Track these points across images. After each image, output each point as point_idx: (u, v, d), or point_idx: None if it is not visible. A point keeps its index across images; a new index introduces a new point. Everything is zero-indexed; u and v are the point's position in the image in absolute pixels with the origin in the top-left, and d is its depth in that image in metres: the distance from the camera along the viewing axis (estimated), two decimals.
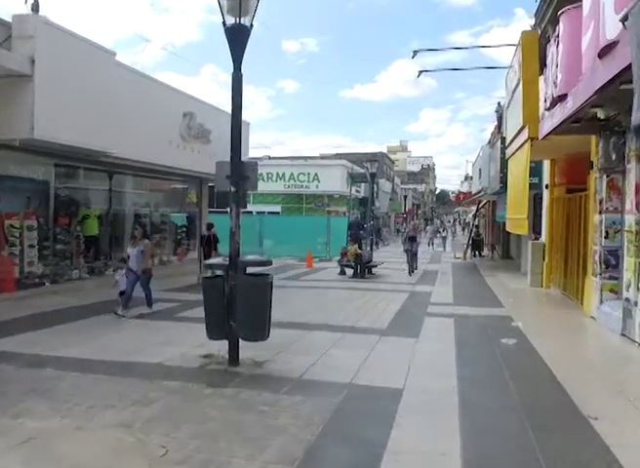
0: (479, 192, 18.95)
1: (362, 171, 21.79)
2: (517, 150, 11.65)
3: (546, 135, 8.88)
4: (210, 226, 13.66)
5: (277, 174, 36.42)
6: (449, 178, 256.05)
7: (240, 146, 5.52)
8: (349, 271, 15.72)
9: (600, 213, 8.79)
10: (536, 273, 13.75)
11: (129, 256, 8.88)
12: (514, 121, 11.96)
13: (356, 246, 16.01)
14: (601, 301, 8.66)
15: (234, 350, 5.41)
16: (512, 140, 12.37)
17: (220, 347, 5.63)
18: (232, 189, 5.42)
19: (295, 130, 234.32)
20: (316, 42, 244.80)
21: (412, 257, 16.61)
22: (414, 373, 5.37)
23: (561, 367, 5.72)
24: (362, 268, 15.31)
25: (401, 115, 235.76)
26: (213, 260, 6.01)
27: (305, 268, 18.74)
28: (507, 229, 13.24)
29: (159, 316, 8.51)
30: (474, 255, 25.18)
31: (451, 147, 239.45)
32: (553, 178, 13.35)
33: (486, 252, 26.94)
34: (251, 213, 25.93)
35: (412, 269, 16.50)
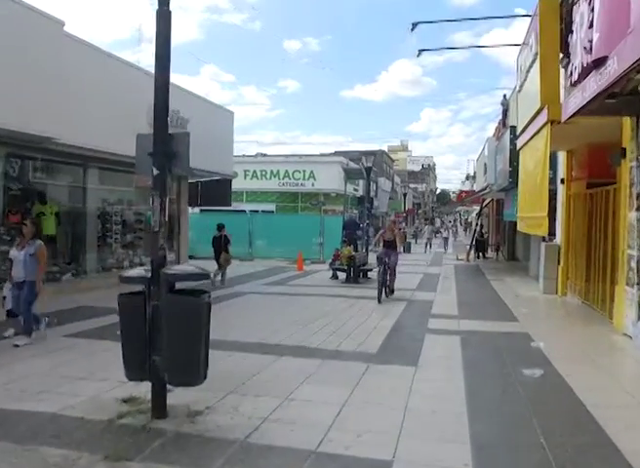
0: (484, 189, 17.42)
1: (358, 166, 20.28)
2: (532, 138, 10.10)
3: (572, 115, 7.33)
4: (220, 227, 13.15)
5: (271, 171, 34.88)
6: (450, 179, 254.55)
7: (167, 111, 3.98)
8: (342, 275, 14.19)
9: (638, 209, 7.25)
10: (549, 278, 12.21)
11: (12, 262, 6.64)
12: (528, 105, 10.42)
13: (350, 247, 14.48)
14: (639, 317, 7.13)
15: (159, 396, 3.88)
16: (525, 128, 10.82)
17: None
18: (155, 171, 3.87)
19: (296, 129, 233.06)
20: (318, 41, 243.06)
21: (384, 274, 10.72)
22: (409, 431, 3.82)
23: (610, 414, 4.19)
24: (355, 272, 13.77)
25: (402, 115, 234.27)
26: (131, 272, 4.46)
27: (295, 271, 17.22)
28: (520, 229, 11.67)
29: (99, 333, 6.96)
30: (478, 257, 23.65)
31: (451, 148, 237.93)
32: (570, 172, 11.81)
33: (490, 253, 25.40)
34: (244, 211, 24.43)
35: (384, 292, 10.66)
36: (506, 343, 6.90)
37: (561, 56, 8.75)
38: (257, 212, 26.47)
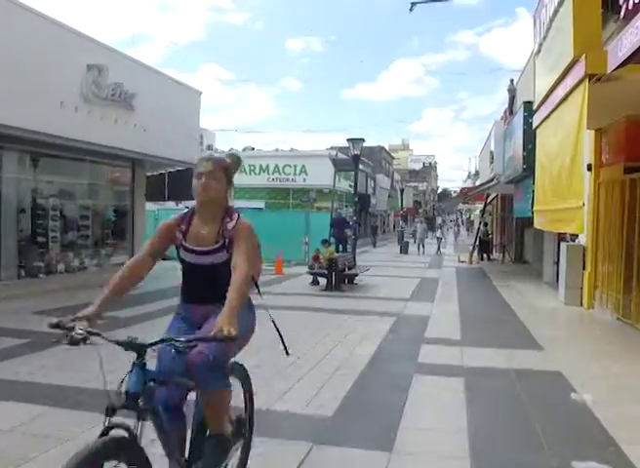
0: (490, 181, 15.14)
1: (347, 157, 18.06)
2: (556, 108, 7.86)
3: (627, 60, 5.07)
4: None
5: (260, 166, 32.68)
6: (452, 178, 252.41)
7: None
8: (324, 281, 11.94)
9: None
10: (572, 287, 9.94)
11: None
12: (550, 67, 8.17)
13: (331, 247, 12.25)
14: None
15: None
16: (545, 99, 8.57)
17: None
18: None
19: (297, 129, 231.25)
20: (321, 41, 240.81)
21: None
22: None
23: None
24: (337, 278, 11.51)
25: (404, 114, 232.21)
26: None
27: (273, 275, 14.98)
28: (539, 227, 9.38)
29: None
30: (481, 258, 21.37)
31: (453, 148, 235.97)
32: (599, 156, 9.54)
33: (495, 254, 23.11)
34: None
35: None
36: (533, 393, 4.63)
37: None
38: (245, 209, 24.17)
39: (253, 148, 35.54)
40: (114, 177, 12.89)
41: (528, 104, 10.77)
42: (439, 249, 25.57)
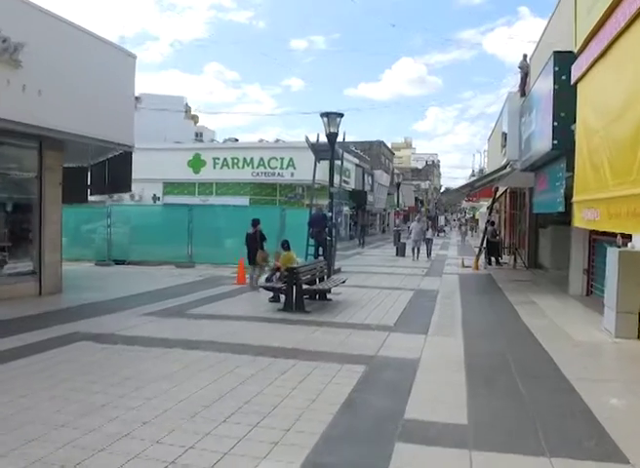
0: (502, 168, 12.07)
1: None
2: (618, 39, 4.87)
3: None
4: (255, 223, 11.41)
5: (244, 159, 29.62)
6: (455, 177, 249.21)
7: None
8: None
9: None
10: (627, 312, 6.95)
11: None
12: None
13: (290, 252, 9.28)
14: None
15: None
16: (591, 36, 5.59)
17: None
18: None
19: (299, 128, 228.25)
20: (324, 40, 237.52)
21: None
22: None
23: None
24: (298, 294, 8.50)
25: (407, 114, 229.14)
26: None
27: (232, 285, 12.04)
28: (585, 225, 6.28)
29: None
30: (489, 263, 18.33)
31: (457, 147, 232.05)
32: None
33: (505, 257, 20.03)
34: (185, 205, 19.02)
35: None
36: None
37: None
38: (228, 206, 21.02)
39: (236, 139, 32.47)
40: (11, 161, 9.88)
41: (561, 55, 7.72)
42: (429, 254, 20.69)
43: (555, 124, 7.52)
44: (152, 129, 32.41)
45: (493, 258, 18.60)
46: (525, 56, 17.77)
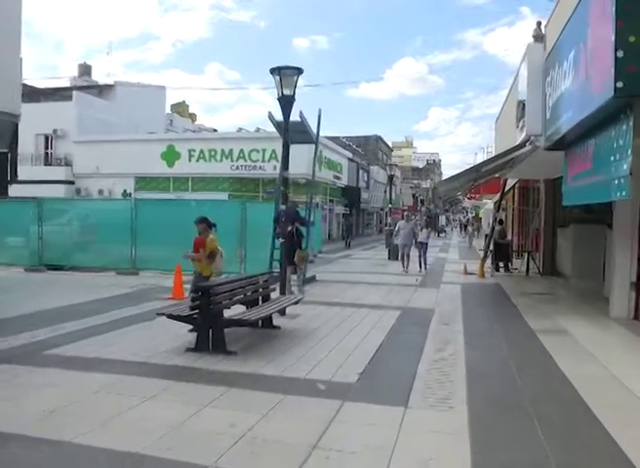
0: (520, 147, 9.06)
1: (302, 121, 12.04)
2: None
3: None
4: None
5: (222, 151, 26.71)
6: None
7: None
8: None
9: None
10: None
11: None
12: None
13: (206, 260, 6.37)
14: None
15: None
16: None
17: None
18: None
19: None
20: (327, 39, 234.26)
21: None
22: None
23: None
24: (218, 328, 5.55)
25: (409, 114, 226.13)
26: None
27: (166, 300, 9.19)
28: None
29: None
30: (497, 269, 15.40)
31: (459, 147, 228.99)
32: None
33: (516, 262, 17.01)
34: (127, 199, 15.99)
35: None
36: None
37: None
38: (204, 202, 18.01)
39: (215, 130, 29.50)
40: None
41: None
42: (421, 265, 15.23)
43: (620, 54, 4.59)
44: (129, 121, 29.51)
45: (501, 264, 15.67)
46: (539, 23, 14.87)
